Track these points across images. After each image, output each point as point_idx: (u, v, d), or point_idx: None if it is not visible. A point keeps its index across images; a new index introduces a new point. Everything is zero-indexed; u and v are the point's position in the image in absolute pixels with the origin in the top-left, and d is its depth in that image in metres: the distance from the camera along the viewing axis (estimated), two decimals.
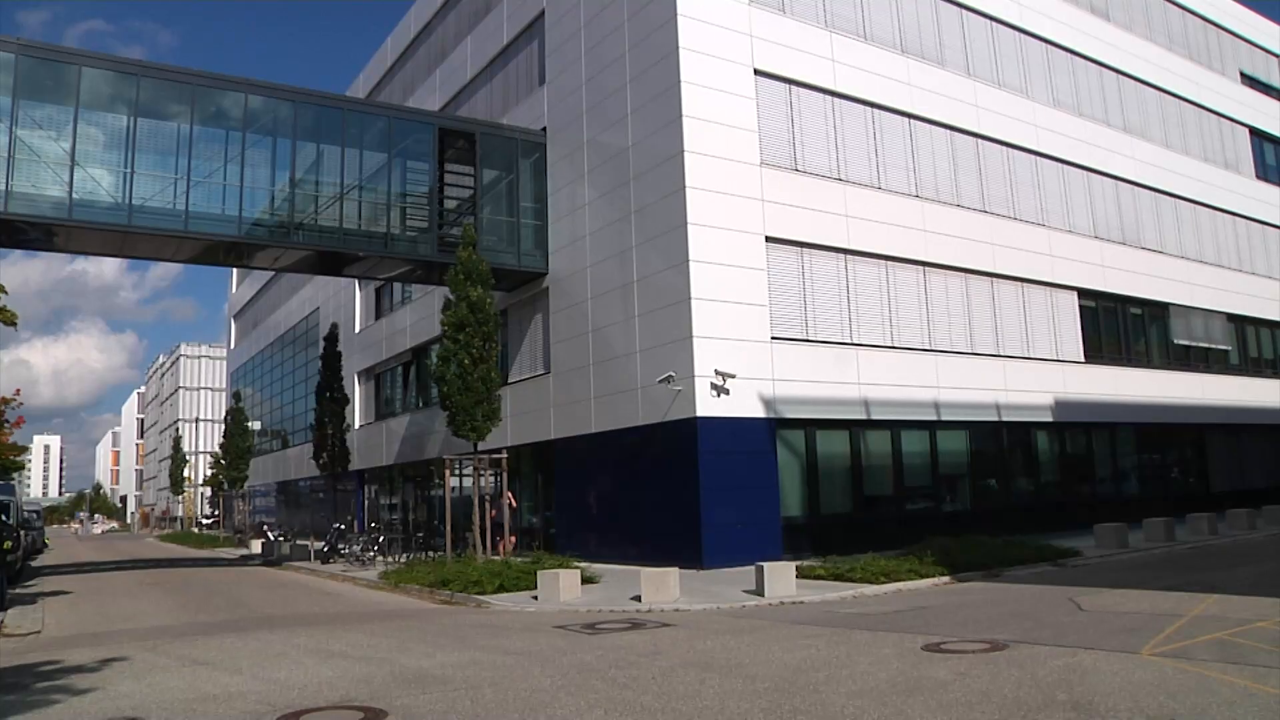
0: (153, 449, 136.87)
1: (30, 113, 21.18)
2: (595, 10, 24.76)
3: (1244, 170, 38.06)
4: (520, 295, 27.65)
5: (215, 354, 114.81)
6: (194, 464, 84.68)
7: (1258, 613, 10.77)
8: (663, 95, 21.78)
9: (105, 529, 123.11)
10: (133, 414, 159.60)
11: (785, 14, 23.71)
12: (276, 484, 56.79)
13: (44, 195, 20.89)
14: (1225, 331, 34.92)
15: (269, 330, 58.32)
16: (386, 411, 39.33)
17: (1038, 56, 30.14)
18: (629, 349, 22.39)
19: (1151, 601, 12.31)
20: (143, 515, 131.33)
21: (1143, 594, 13.12)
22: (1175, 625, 10.16)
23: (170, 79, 23.11)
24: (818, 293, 22.76)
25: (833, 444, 22.74)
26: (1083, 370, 28.61)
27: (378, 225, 25.08)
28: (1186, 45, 37.44)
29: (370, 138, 25.54)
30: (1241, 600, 11.97)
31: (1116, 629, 10.19)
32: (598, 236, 24.02)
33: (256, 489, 59.97)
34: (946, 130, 26.45)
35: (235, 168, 23.25)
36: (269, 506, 58.75)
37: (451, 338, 22.49)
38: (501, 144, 26.97)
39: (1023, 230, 27.72)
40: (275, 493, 57.55)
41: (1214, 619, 10.54)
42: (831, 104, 24.04)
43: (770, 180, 22.21)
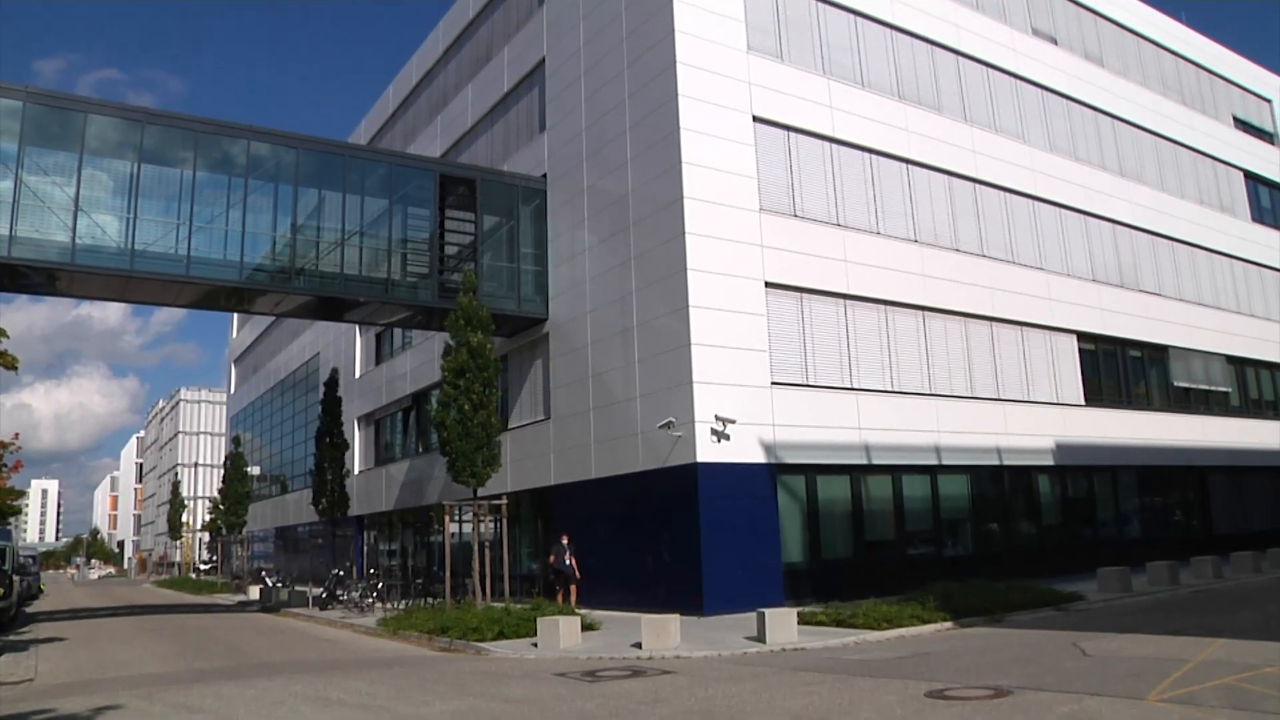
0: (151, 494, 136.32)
1: (36, 159, 21.37)
2: (595, 58, 25.04)
3: (1239, 213, 38.30)
4: (521, 340, 27.70)
5: (215, 399, 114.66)
6: (192, 509, 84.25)
7: (1265, 657, 10.69)
8: (662, 142, 21.97)
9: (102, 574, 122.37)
10: (132, 458, 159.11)
11: (783, 61, 23.97)
12: (275, 529, 56.50)
13: (47, 240, 21.02)
14: (1225, 373, 34.93)
15: (269, 375, 58.33)
16: (386, 457, 39.24)
17: (1033, 102, 30.45)
18: (629, 394, 22.39)
19: (1157, 646, 12.22)
20: (140, 560, 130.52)
21: (1148, 638, 13.03)
22: (1181, 670, 10.07)
23: (175, 126, 23.34)
24: (817, 338, 22.80)
25: (833, 489, 22.67)
26: (1083, 413, 28.58)
27: (378, 271, 25.18)
28: (1180, 90, 37.85)
29: (372, 184, 25.70)
30: (1248, 645, 11.89)
31: (1122, 674, 10.11)
32: (598, 282, 24.11)
33: (255, 534, 59.65)
34: (944, 175, 26.65)
35: (237, 213, 23.41)
36: (267, 552, 58.41)
37: (452, 383, 22.50)
38: (502, 190, 27.16)
39: (1021, 274, 27.83)
40: (274, 538, 57.24)
41: (1221, 664, 10.46)
42: (830, 150, 24.23)
43: (769, 226, 22.34)
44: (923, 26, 27.59)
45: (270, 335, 58.66)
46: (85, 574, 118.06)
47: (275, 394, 56.95)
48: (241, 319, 66.13)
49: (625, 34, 23.85)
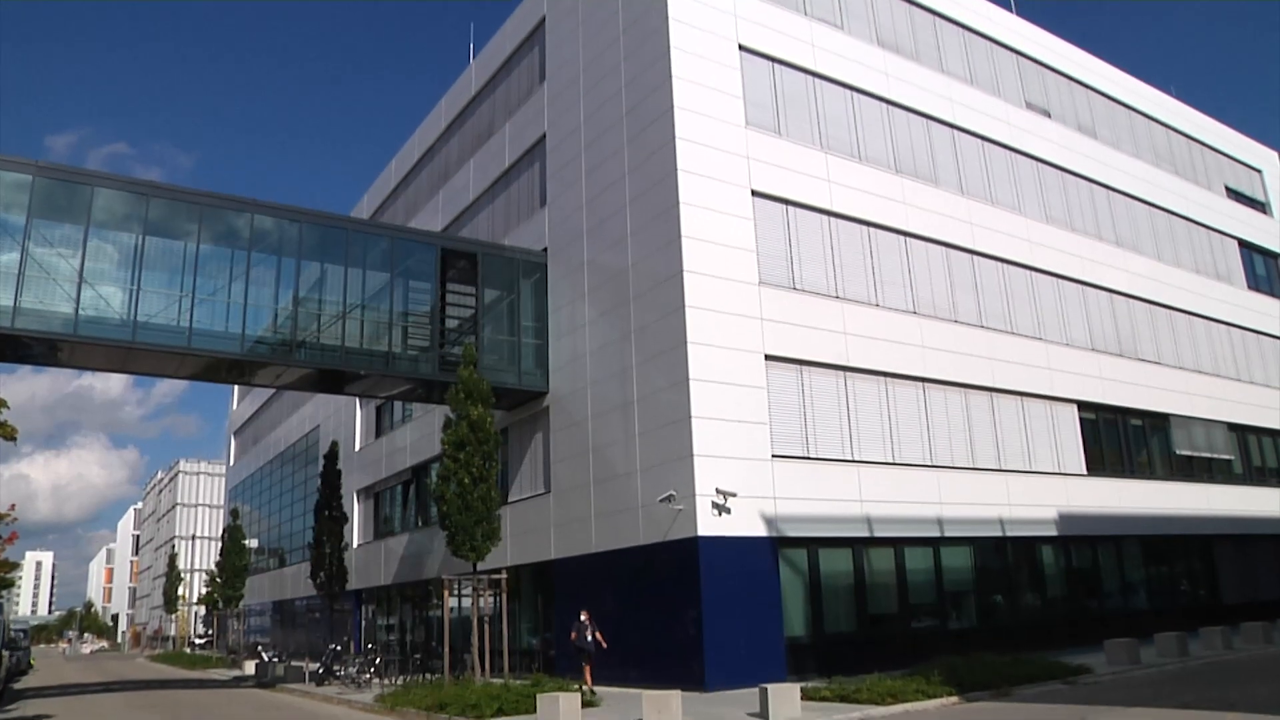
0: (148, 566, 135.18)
1: (43, 231, 21.57)
2: (595, 134, 25.40)
3: (1235, 281, 38.57)
4: (521, 414, 27.69)
5: (214, 470, 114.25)
6: (189, 582, 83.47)
7: None
8: (662, 216, 22.20)
9: (94, 648, 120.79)
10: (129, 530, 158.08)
11: (781, 136, 24.32)
12: (272, 603, 55.90)
13: (51, 311, 21.12)
14: (1227, 441, 34.87)
15: (269, 447, 58.19)
16: (385, 530, 38.98)
17: (1029, 174, 30.85)
18: (629, 468, 22.32)
19: None
20: (134, 634, 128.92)
21: (1159, 712, 12.84)
22: None
23: (180, 199, 23.60)
24: (818, 410, 22.80)
25: (836, 562, 22.48)
26: (1086, 483, 28.47)
27: (379, 344, 25.25)
28: (1172, 161, 38.37)
29: (373, 257, 25.88)
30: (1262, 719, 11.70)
31: None
32: (598, 355, 24.18)
33: (252, 608, 59.00)
34: (942, 247, 26.88)
35: (240, 286, 23.55)
36: (264, 626, 57.74)
37: (452, 456, 22.48)
38: (503, 264, 27.37)
39: (1020, 344, 27.92)
40: (271, 612, 56.62)
41: None
42: (828, 223, 24.48)
43: (769, 299, 22.47)
44: (918, 101, 28.06)
45: (270, 407, 58.65)
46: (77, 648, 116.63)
47: (275, 466, 56.77)
48: (242, 391, 66.17)
49: (625, 110, 24.23)
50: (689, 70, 22.93)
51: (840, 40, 26.83)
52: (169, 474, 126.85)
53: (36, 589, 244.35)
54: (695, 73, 23.03)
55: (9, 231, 21.12)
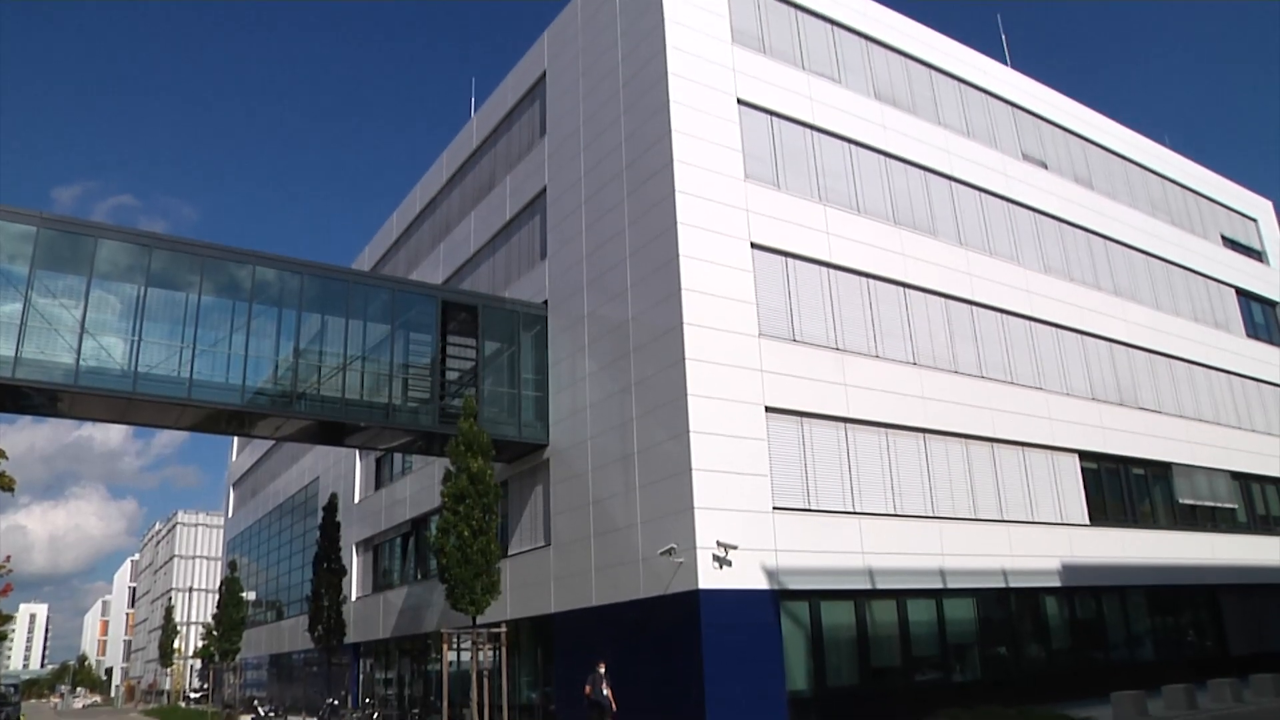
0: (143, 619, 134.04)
1: (46, 282, 21.61)
2: (596, 187, 25.59)
3: (1234, 329, 38.65)
4: (521, 466, 27.62)
5: (212, 522, 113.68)
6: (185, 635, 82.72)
7: None
8: (662, 269, 22.29)
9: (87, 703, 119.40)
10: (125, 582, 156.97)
11: (780, 189, 24.50)
12: (269, 656, 55.36)
13: (52, 361, 21.10)
14: (1230, 490, 34.72)
15: (267, 499, 57.94)
16: (384, 583, 38.69)
17: (1027, 224, 31.04)
18: (630, 521, 22.21)
19: None
20: (128, 688, 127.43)
21: None
22: None
23: (182, 251, 23.65)
24: (818, 462, 22.74)
25: (837, 615, 22.28)
26: (1088, 533, 28.32)
27: (379, 396, 25.23)
28: (1168, 211, 38.64)
29: (374, 309, 25.95)
30: None
31: None
32: (598, 408, 24.17)
33: (248, 661, 58.42)
34: (941, 298, 26.97)
35: (240, 337, 23.57)
36: (260, 680, 57.15)
37: (451, 509, 22.41)
38: (503, 316, 27.45)
39: (1021, 394, 27.92)
40: (267, 666, 56.06)
41: None
42: (827, 275, 24.58)
43: (769, 351, 22.50)
44: (916, 154, 28.31)
45: (270, 459, 58.48)
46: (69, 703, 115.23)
47: (273, 518, 56.49)
48: (241, 442, 66.05)
49: (625, 164, 24.43)
50: (688, 124, 23.16)
51: (838, 94, 27.13)
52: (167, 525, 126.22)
53: (29, 642, 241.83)
54: (695, 127, 23.25)
55: (12, 282, 21.19)
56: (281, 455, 55.04)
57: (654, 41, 24.12)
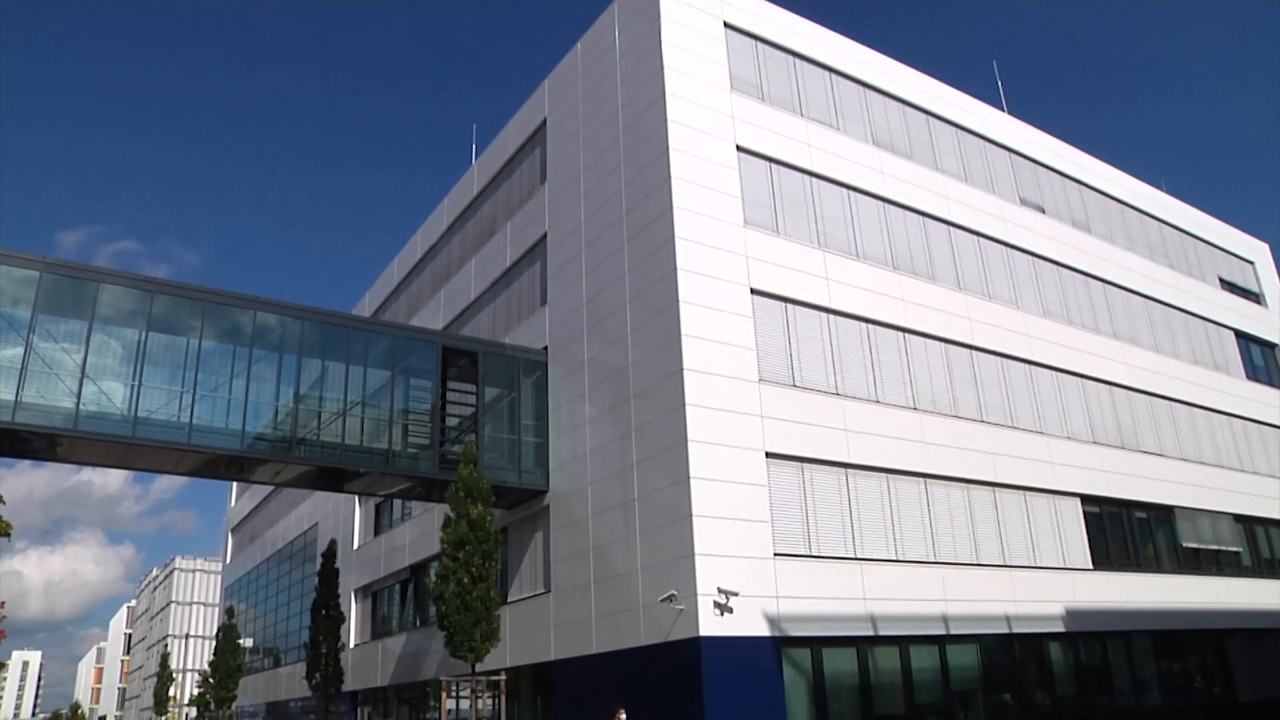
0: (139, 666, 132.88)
1: (47, 326, 21.65)
2: (596, 233, 25.73)
3: (1234, 372, 38.67)
4: (521, 513, 27.52)
5: (210, 568, 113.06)
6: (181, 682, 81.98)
7: None
8: (662, 315, 22.35)
9: None
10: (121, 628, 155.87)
11: (779, 235, 24.63)
12: (266, 704, 54.80)
13: (52, 406, 21.08)
14: (1234, 533, 34.54)
15: (266, 545, 57.66)
16: (383, 630, 38.41)
17: (1025, 269, 31.16)
18: (630, 567, 22.09)
19: None
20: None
21: None
22: None
23: (184, 296, 23.71)
24: (819, 508, 22.66)
25: (840, 662, 22.08)
26: (1092, 578, 28.14)
27: (379, 441, 25.20)
28: (1166, 254, 38.82)
29: (374, 355, 25.98)
30: None
31: None
32: (598, 454, 24.12)
33: (245, 709, 57.84)
34: (941, 343, 27.01)
35: (241, 382, 23.57)
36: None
37: (451, 555, 22.36)
38: (503, 362, 27.48)
39: (1021, 438, 27.87)
40: (264, 713, 55.47)
41: None
42: (827, 320, 24.64)
43: (769, 396, 22.50)
44: (914, 199, 28.50)
45: (269, 505, 58.28)
46: None
47: (271, 564, 56.19)
48: (240, 488, 65.83)
49: (625, 210, 24.58)
50: (688, 171, 23.33)
51: (836, 140, 27.36)
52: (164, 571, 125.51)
53: (21, 689, 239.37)
54: (694, 173, 23.42)
55: (14, 326, 21.23)
56: (280, 501, 54.87)
57: (653, 89, 24.38)
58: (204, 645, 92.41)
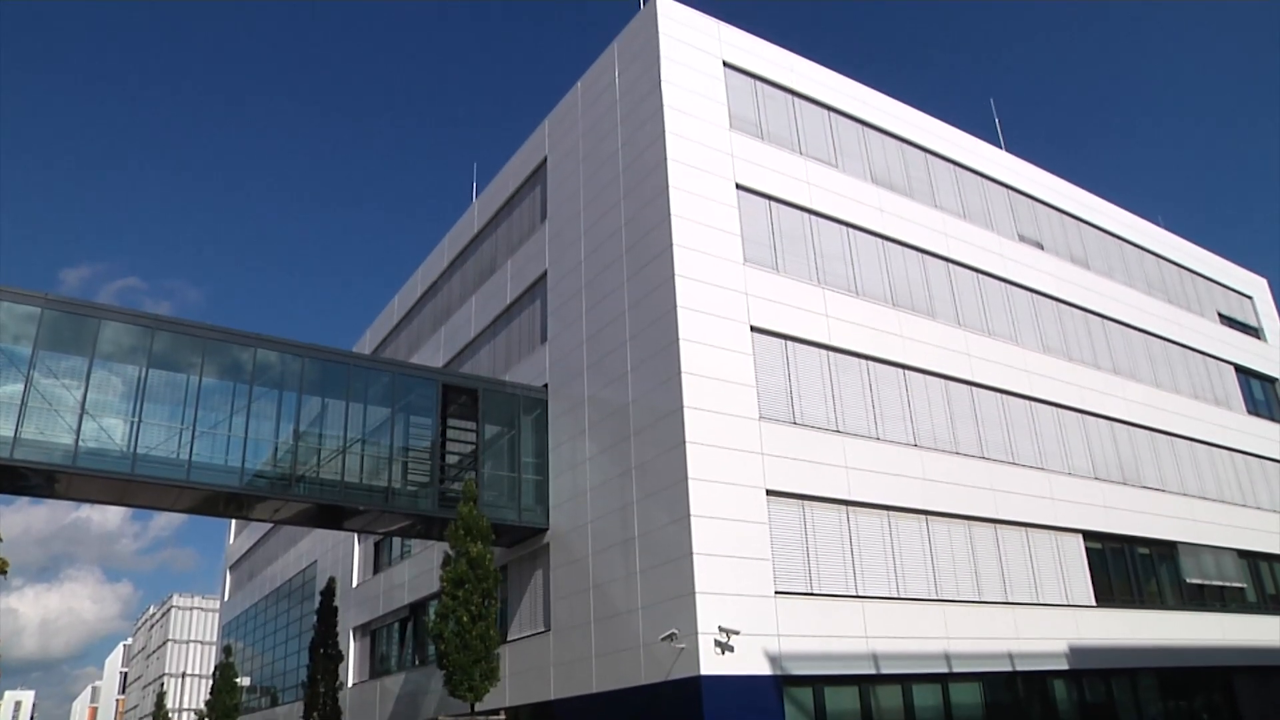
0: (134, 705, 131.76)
1: (48, 362, 21.68)
2: (596, 271, 25.82)
3: (1234, 406, 38.65)
4: (520, 551, 27.41)
5: (208, 605, 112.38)
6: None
7: None
8: (662, 352, 22.38)
9: None
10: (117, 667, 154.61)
11: (779, 272, 24.72)
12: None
13: (51, 442, 21.05)
14: (1238, 568, 34.36)
15: (264, 583, 57.35)
16: (381, 669, 38.11)
17: (1024, 305, 31.24)
18: (630, 606, 21.97)
19: None
20: None
21: None
22: None
23: (185, 333, 23.74)
24: (820, 545, 22.58)
25: (842, 700, 21.91)
26: (1095, 614, 27.97)
27: (379, 479, 25.15)
28: (1165, 289, 38.94)
29: (375, 393, 25.99)
30: None
31: None
32: (598, 492, 24.06)
33: None
34: (941, 379, 27.02)
35: (241, 419, 23.58)
36: None
37: (450, 594, 22.24)
38: (503, 400, 27.47)
39: (1022, 475, 27.82)
40: None
41: None
42: (827, 358, 24.67)
43: (769, 434, 22.48)
44: (913, 236, 28.63)
45: (267, 542, 58.03)
46: None
47: (270, 602, 55.86)
48: (239, 525, 65.57)
49: (625, 248, 24.68)
50: (687, 209, 23.46)
51: (835, 178, 27.53)
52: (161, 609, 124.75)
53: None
54: (694, 211, 23.55)
55: (15, 362, 21.26)
56: (279, 538, 54.64)
57: (653, 128, 24.56)
58: (200, 684, 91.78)
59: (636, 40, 26.44)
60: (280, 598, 53.51)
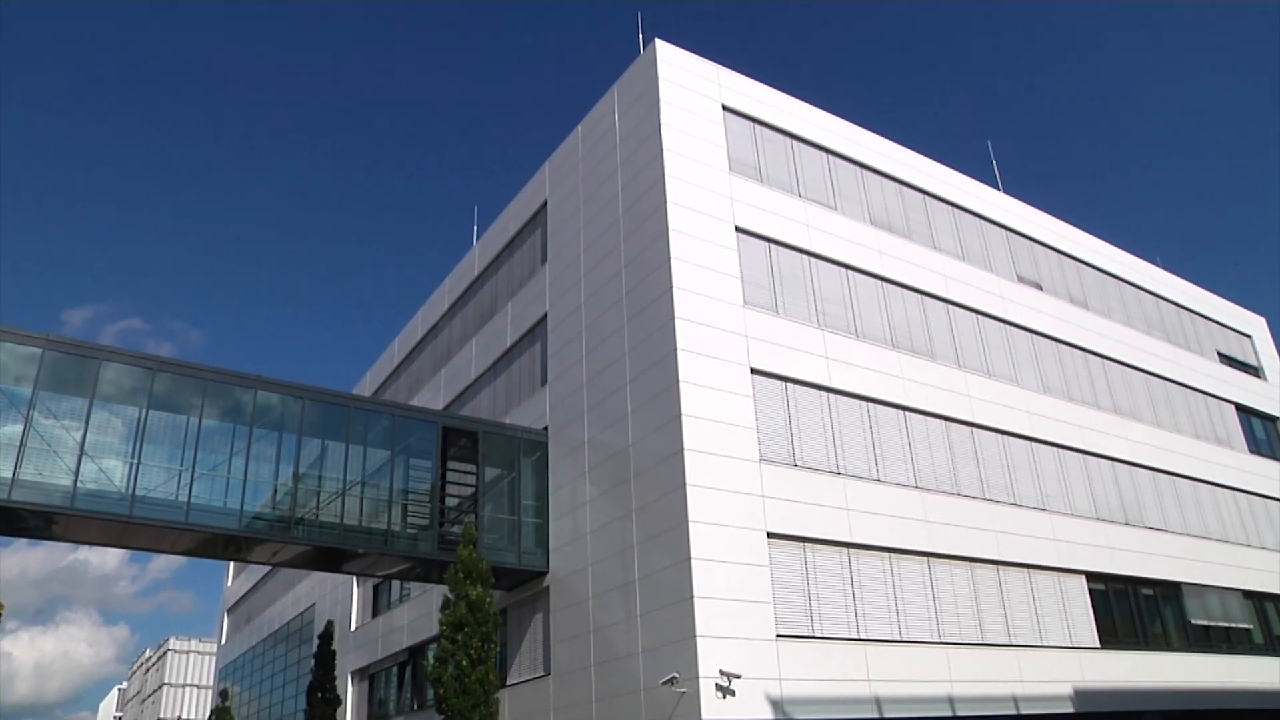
0: None
1: (48, 404, 21.67)
2: (596, 313, 25.89)
3: (1236, 445, 38.59)
4: (520, 594, 27.25)
5: (205, 649, 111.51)
6: None
7: None
8: (662, 395, 22.38)
9: None
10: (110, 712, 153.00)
11: (779, 315, 24.78)
12: None
13: (49, 484, 20.97)
14: (1244, 609, 34.11)
15: (262, 626, 56.98)
16: (380, 714, 37.77)
17: (1024, 346, 31.28)
18: (631, 650, 21.81)
19: None
20: None
21: None
22: None
23: (185, 375, 23.74)
24: (821, 588, 22.44)
25: None
26: (1100, 656, 27.74)
27: (378, 521, 25.06)
28: (1164, 329, 39.02)
29: (375, 435, 25.96)
30: None
31: None
32: (599, 535, 23.97)
33: None
34: (941, 421, 27.00)
35: (240, 461, 23.51)
36: None
37: (449, 638, 22.10)
38: (504, 442, 27.43)
39: (1024, 516, 27.71)
40: None
41: None
42: (827, 400, 24.67)
43: (770, 476, 22.43)
44: (912, 278, 28.74)
45: (265, 585, 57.74)
46: None
47: (267, 645, 55.47)
48: (238, 568, 65.27)
49: (625, 291, 24.76)
50: (687, 252, 23.56)
51: (834, 220, 27.68)
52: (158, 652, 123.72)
53: None
54: (693, 254, 23.65)
55: (15, 403, 21.25)
56: (277, 581, 54.35)
57: (653, 171, 24.73)
58: None
59: (637, 84, 26.70)
60: (278, 641, 53.15)
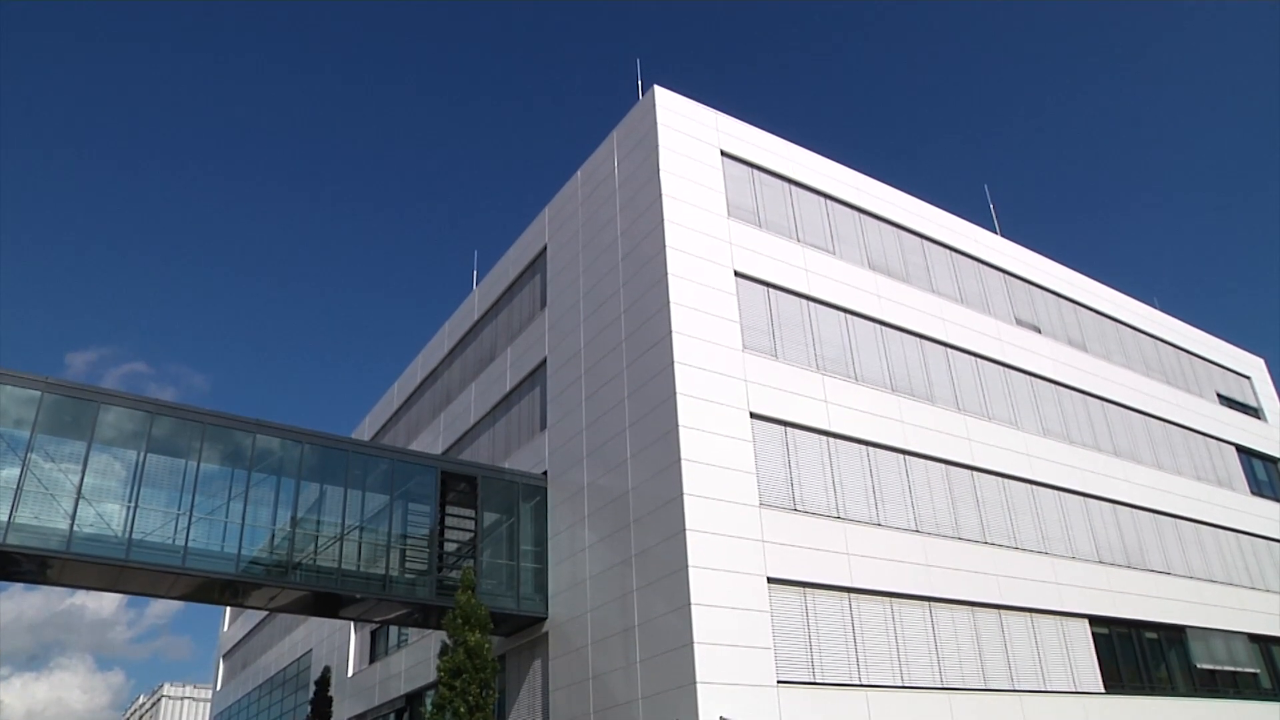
0: None
1: (46, 447, 21.59)
2: (596, 358, 25.92)
3: (1237, 487, 38.48)
4: (519, 640, 27.04)
5: (200, 695, 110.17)
6: None
7: None
8: (661, 440, 22.35)
9: None
10: None
11: (778, 359, 24.81)
12: None
13: (46, 527, 20.83)
14: (1250, 653, 33.81)
15: (258, 672, 56.44)
16: None
17: (1023, 389, 31.29)
18: (630, 696, 21.60)
19: None
20: None
21: None
22: None
23: (185, 418, 23.66)
24: (822, 633, 22.28)
25: None
26: (1104, 702, 27.47)
27: (376, 567, 24.92)
28: (1163, 371, 39.05)
29: (373, 479, 25.89)
30: None
31: None
32: (598, 580, 23.83)
33: None
34: (941, 464, 26.95)
35: (238, 505, 23.41)
36: None
37: (447, 684, 21.89)
38: (503, 487, 27.35)
39: (1026, 559, 27.57)
40: None
41: None
42: (827, 444, 24.63)
43: (770, 521, 22.34)
44: (911, 321, 28.81)
45: (262, 630, 57.28)
46: None
47: (263, 691, 54.89)
48: (234, 613, 64.77)
49: (625, 336, 24.81)
50: (686, 296, 23.64)
51: (833, 265, 27.80)
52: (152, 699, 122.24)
53: None
54: (692, 299, 23.73)
55: (13, 446, 21.17)
56: (274, 626, 53.92)
57: (652, 216, 24.87)
58: None
59: (636, 130, 26.92)
60: (274, 687, 52.61)
